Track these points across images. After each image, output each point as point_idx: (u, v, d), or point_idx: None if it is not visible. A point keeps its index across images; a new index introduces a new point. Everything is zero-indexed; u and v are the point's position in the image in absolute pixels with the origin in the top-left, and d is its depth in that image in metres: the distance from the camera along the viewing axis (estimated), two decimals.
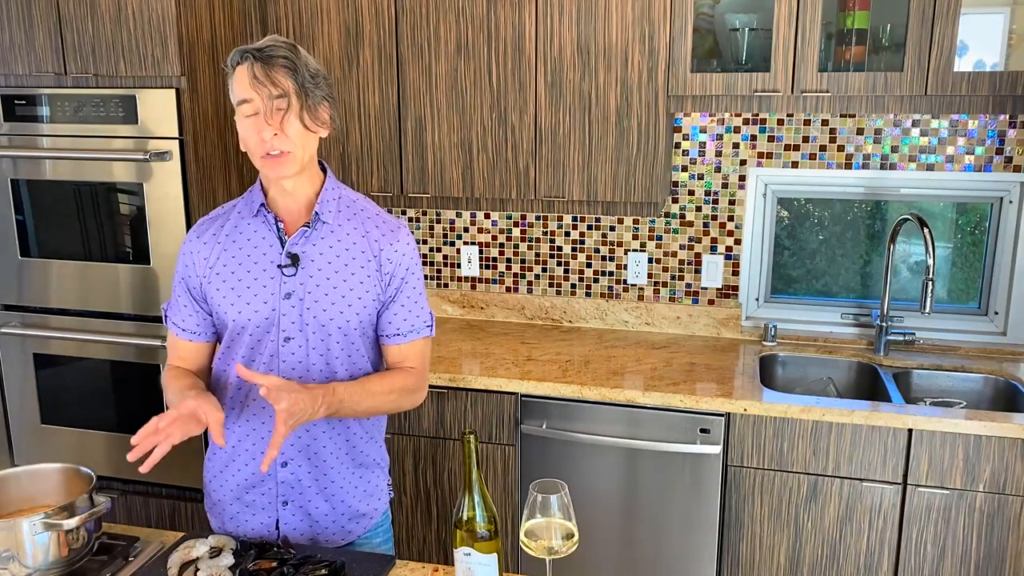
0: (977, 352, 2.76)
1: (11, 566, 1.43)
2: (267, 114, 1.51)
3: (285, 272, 1.61)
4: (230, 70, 1.56)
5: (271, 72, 1.50)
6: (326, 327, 1.61)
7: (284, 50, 1.53)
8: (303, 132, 1.55)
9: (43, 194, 2.73)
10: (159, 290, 2.69)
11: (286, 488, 1.67)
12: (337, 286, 1.62)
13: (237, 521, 1.72)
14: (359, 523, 1.75)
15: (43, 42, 2.61)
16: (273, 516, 1.69)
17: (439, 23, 2.67)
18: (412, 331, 1.69)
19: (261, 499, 1.69)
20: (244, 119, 1.54)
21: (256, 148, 1.55)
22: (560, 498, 1.36)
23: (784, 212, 2.93)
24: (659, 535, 2.53)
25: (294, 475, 1.67)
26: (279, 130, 1.52)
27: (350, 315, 1.62)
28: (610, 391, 2.46)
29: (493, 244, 3.15)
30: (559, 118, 2.64)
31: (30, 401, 2.91)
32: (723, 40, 2.67)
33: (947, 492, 2.29)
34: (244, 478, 1.69)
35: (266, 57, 1.51)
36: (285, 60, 1.51)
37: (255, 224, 1.65)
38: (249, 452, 1.67)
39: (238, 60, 1.53)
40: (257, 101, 1.51)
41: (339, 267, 1.63)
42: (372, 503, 1.76)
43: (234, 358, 1.65)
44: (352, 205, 1.69)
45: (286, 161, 1.55)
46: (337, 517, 1.71)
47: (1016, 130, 2.64)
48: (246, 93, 1.52)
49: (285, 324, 1.61)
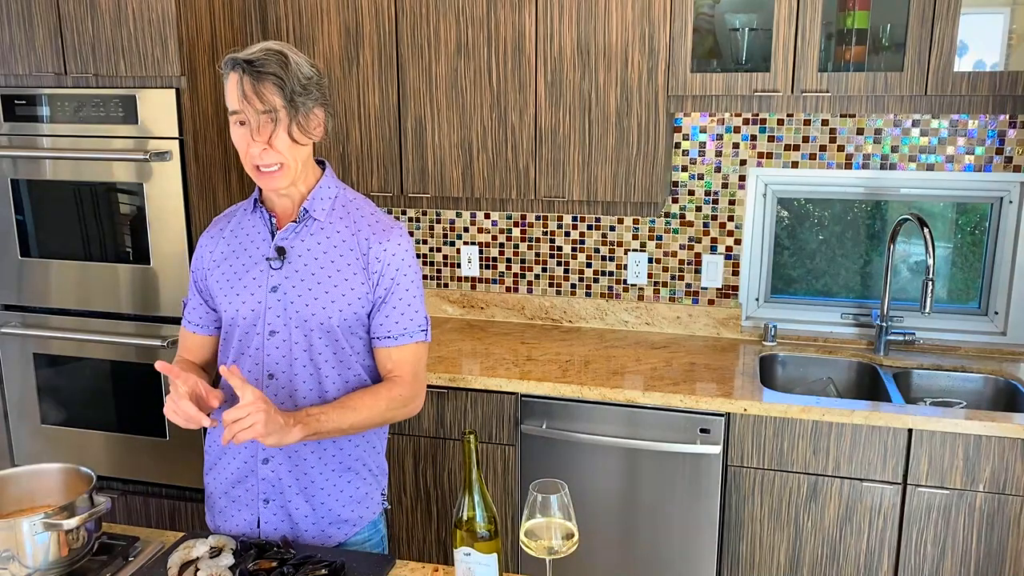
0: (977, 352, 2.76)
1: (11, 566, 1.43)
2: (255, 129, 1.53)
3: (272, 265, 1.63)
4: (224, 75, 1.57)
5: (259, 87, 1.51)
6: (308, 322, 1.62)
7: (273, 64, 1.52)
8: (292, 145, 1.57)
9: (43, 194, 2.73)
10: (159, 290, 2.69)
11: (267, 486, 1.67)
12: (321, 282, 1.63)
13: (224, 516, 1.73)
14: (340, 529, 1.72)
15: (43, 42, 2.61)
16: (255, 514, 1.69)
17: (439, 23, 2.67)
18: (404, 334, 1.67)
19: (245, 495, 1.69)
20: (235, 126, 1.57)
21: (247, 159, 1.58)
22: (560, 498, 1.36)
23: (784, 212, 2.93)
24: (659, 535, 2.53)
25: (275, 473, 1.67)
26: (267, 145, 1.54)
27: (332, 311, 1.62)
28: (610, 391, 2.46)
29: (493, 244, 3.15)
30: (559, 118, 2.64)
31: (30, 401, 2.91)
32: (723, 40, 2.67)
33: (947, 492, 2.29)
34: (231, 472, 1.70)
35: (254, 72, 1.51)
36: (274, 77, 1.51)
37: (253, 219, 1.70)
38: (236, 447, 1.68)
39: (229, 68, 1.55)
40: (246, 113, 1.53)
41: (325, 263, 1.63)
42: (358, 510, 1.73)
43: (229, 351, 1.68)
44: (348, 205, 1.69)
45: (277, 176, 1.58)
46: (317, 520, 1.69)
47: (1016, 130, 2.64)
48: (235, 105, 1.54)
49: (270, 317, 1.63)
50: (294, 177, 1.60)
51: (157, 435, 2.80)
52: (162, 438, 2.79)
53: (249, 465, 1.68)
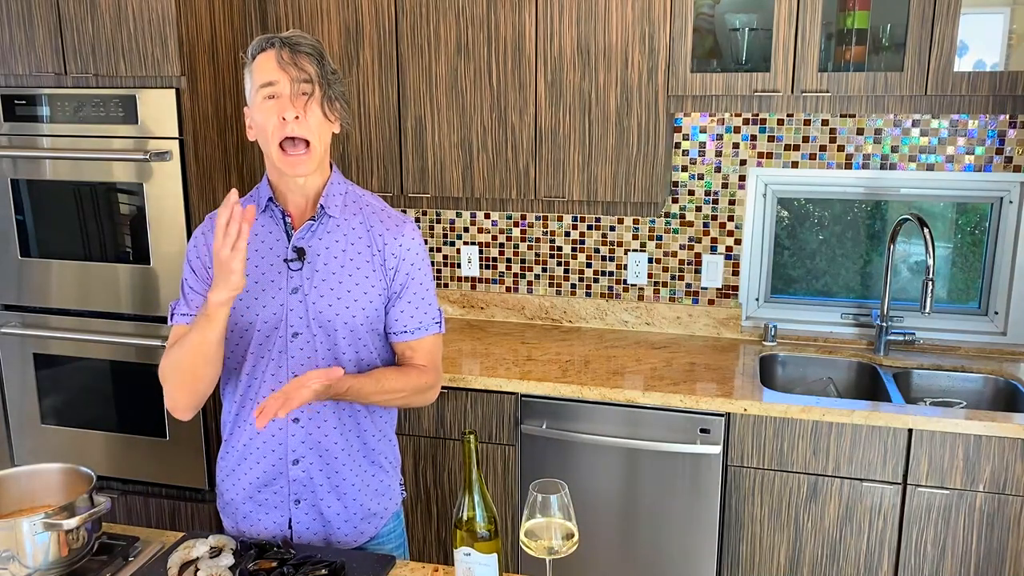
0: (977, 352, 2.76)
1: (11, 566, 1.43)
2: (292, 96, 1.52)
3: (291, 267, 1.61)
4: (249, 60, 1.57)
5: (297, 57, 1.53)
6: (332, 322, 1.61)
7: (310, 41, 1.57)
8: (322, 121, 1.56)
9: (43, 194, 2.73)
10: (159, 290, 2.69)
11: (298, 486, 1.66)
12: (343, 281, 1.62)
13: (250, 520, 1.70)
14: (371, 523, 1.73)
15: (43, 42, 2.61)
16: (286, 515, 1.68)
17: (439, 23, 2.67)
18: (420, 328, 1.69)
19: (273, 498, 1.68)
20: (263, 102, 1.54)
21: (275, 133, 1.54)
22: (560, 498, 1.36)
23: (784, 212, 2.93)
24: (659, 535, 2.53)
25: (306, 473, 1.65)
26: (301, 114, 1.53)
27: (356, 310, 1.62)
28: (610, 391, 2.46)
29: (493, 244, 3.15)
30: (559, 118, 2.64)
31: (30, 401, 2.91)
32: (723, 40, 2.67)
33: (947, 492, 2.29)
34: (256, 476, 1.67)
35: (293, 44, 1.54)
36: (311, 48, 1.55)
37: (263, 219, 1.65)
38: (260, 450, 1.65)
39: (262, 47, 1.55)
40: (283, 83, 1.52)
41: (344, 262, 1.63)
42: (383, 502, 1.75)
43: (244, 355, 1.64)
44: (359, 200, 1.69)
45: (304, 159, 1.56)
46: (350, 516, 1.70)
47: (1016, 130, 2.64)
48: (271, 75, 1.52)
49: (293, 319, 1.61)
50: (318, 163, 1.59)
51: (157, 435, 2.80)
52: (162, 438, 2.79)
53: (277, 467, 1.66)
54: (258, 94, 1.54)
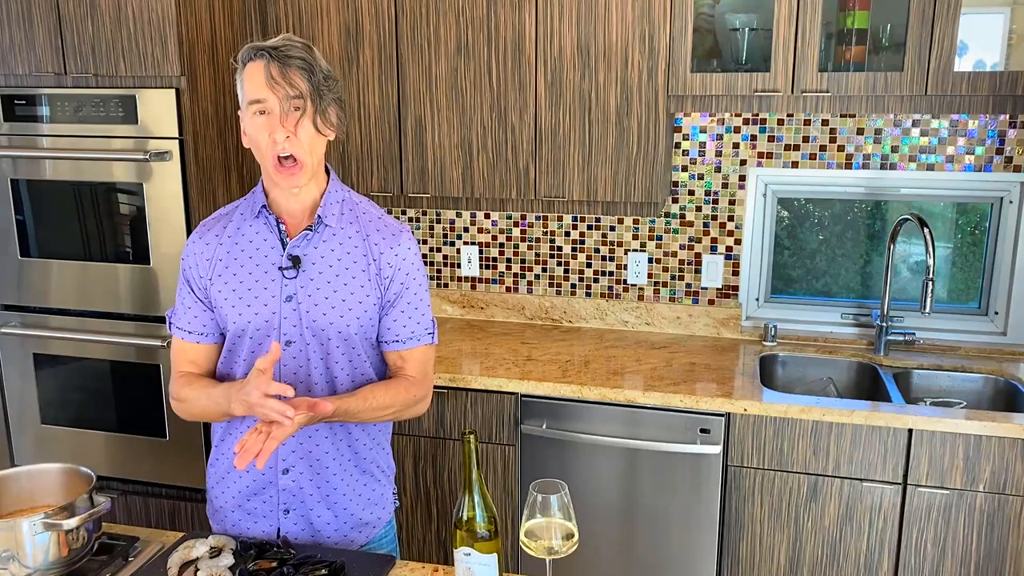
0: (977, 352, 2.76)
1: (11, 566, 1.43)
2: (282, 116, 1.49)
3: (286, 275, 1.60)
4: (240, 66, 1.53)
5: (287, 72, 1.48)
6: (326, 331, 1.60)
7: (300, 50, 1.50)
8: (314, 136, 1.54)
9: (43, 194, 2.73)
10: (159, 290, 2.69)
11: (287, 496, 1.65)
12: (337, 290, 1.60)
13: (239, 528, 1.70)
14: (362, 532, 1.73)
15: (43, 42, 2.61)
16: (275, 524, 1.68)
17: (439, 23, 2.67)
18: (412, 338, 1.67)
19: (263, 507, 1.67)
20: (254, 118, 1.52)
21: (267, 150, 1.52)
22: (560, 498, 1.36)
23: (784, 212, 2.93)
24: (659, 535, 2.53)
25: (295, 483, 1.65)
26: (292, 133, 1.50)
27: (350, 319, 1.61)
28: (610, 391, 2.46)
29: (493, 244, 3.15)
30: (559, 118, 2.64)
31: (30, 401, 2.91)
32: (723, 40, 2.67)
33: (947, 492, 2.29)
34: (245, 485, 1.67)
35: (283, 57, 1.48)
36: (302, 61, 1.49)
37: (257, 226, 1.64)
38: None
39: (251, 56, 1.50)
40: (271, 101, 1.49)
41: (340, 271, 1.61)
42: (376, 512, 1.74)
43: (236, 362, 1.64)
44: (355, 208, 1.67)
45: (298, 172, 1.54)
46: (340, 526, 1.69)
47: (1016, 130, 2.64)
48: (260, 92, 1.49)
49: (286, 327, 1.60)
50: (312, 174, 1.58)
51: (157, 435, 2.80)
52: (162, 438, 2.79)
53: (267, 476, 1.65)
54: (249, 108, 1.52)
